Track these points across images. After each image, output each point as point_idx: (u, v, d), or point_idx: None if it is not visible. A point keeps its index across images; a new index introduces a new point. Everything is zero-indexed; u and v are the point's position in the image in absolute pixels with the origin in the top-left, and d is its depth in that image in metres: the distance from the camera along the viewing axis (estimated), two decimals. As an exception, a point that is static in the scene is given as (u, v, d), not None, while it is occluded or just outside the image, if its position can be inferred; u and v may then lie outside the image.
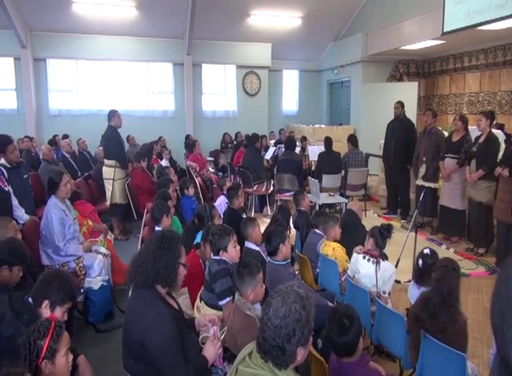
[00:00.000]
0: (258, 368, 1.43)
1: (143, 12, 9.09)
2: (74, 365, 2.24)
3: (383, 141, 6.75)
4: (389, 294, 2.93)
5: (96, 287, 3.43)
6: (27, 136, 7.22)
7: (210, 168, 8.27)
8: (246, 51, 10.78)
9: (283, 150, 7.36)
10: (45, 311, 2.19)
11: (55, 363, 1.76)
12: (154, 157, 7.29)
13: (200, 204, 4.88)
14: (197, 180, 6.12)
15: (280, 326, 1.37)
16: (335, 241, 3.60)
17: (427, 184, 5.63)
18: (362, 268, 3.06)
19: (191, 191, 5.02)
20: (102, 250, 3.85)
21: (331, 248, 3.50)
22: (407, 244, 4.10)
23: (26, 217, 3.86)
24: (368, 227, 3.38)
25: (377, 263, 2.95)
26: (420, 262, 2.79)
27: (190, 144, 8.31)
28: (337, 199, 6.06)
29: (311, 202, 4.62)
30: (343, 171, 6.56)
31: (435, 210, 5.73)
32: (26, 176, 4.40)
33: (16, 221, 3.50)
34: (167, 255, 1.99)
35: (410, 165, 6.19)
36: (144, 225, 4.00)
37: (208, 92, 10.98)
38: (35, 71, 9.53)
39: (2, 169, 3.89)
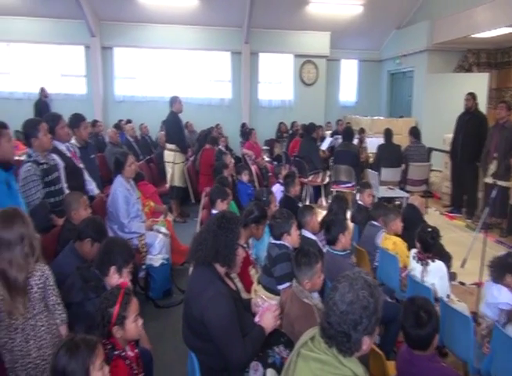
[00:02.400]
0: (321, 353, 1.41)
1: (204, 2, 9.21)
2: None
3: (448, 135, 6.39)
4: (448, 296, 2.79)
5: (157, 264, 3.59)
6: (95, 120, 7.64)
7: (265, 157, 8.29)
8: (304, 40, 10.60)
9: (340, 140, 7.21)
10: (114, 276, 2.33)
11: (125, 328, 1.86)
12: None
13: (256, 190, 4.91)
14: (253, 168, 6.16)
15: (347, 311, 1.34)
16: (396, 235, 3.48)
17: (498, 182, 5.26)
18: (414, 270, 2.95)
19: (245, 177, 5.06)
20: (163, 230, 4.00)
21: (391, 242, 3.39)
22: (473, 246, 3.86)
23: (96, 191, 4.10)
24: (431, 224, 3.23)
25: (425, 265, 2.83)
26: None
27: (246, 132, 8.37)
28: (398, 193, 5.84)
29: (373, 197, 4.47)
30: (403, 165, 6.30)
31: (505, 210, 5.35)
32: (93, 156, 4.65)
33: (88, 194, 3.72)
34: (227, 235, 2.03)
35: (479, 162, 5.81)
36: (203, 208, 4.09)
37: (265, 81, 10.96)
38: (103, 59, 10.01)
39: (75, 148, 4.15)
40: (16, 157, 3.46)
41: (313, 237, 3.24)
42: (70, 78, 10.08)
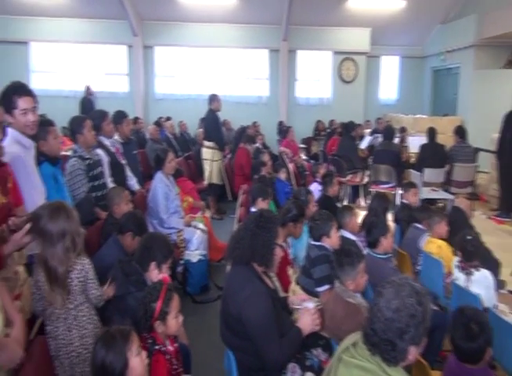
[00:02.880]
0: (364, 360, 1.35)
1: (242, 0, 9.21)
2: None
3: (496, 135, 6.06)
4: (496, 306, 2.63)
5: (194, 260, 3.63)
6: (137, 117, 7.85)
7: (302, 155, 8.21)
8: (344, 36, 10.40)
9: (380, 139, 7.01)
10: (154, 271, 2.37)
11: (167, 324, 1.88)
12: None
13: (293, 189, 4.87)
14: (290, 166, 6.11)
15: (392, 319, 1.28)
16: (440, 239, 3.33)
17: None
18: (457, 279, 2.80)
19: (282, 175, 5.02)
20: (201, 226, 4.04)
21: (436, 246, 3.24)
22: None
23: (137, 186, 4.22)
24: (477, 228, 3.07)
25: (469, 274, 2.68)
26: None
27: (283, 130, 8.33)
28: (442, 194, 5.61)
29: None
30: (447, 166, 6.04)
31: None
32: (135, 152, 4.78)
33: (129, 189, 3.82)
34: (264, 234, 2.00)
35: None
36: (240, 206, 4.10)
37: (302, 79, 10.85)
38: (144, 58, 10.27)
39: (118, 144, 4.28)
40: (63, 152, 3.61)
41: (353, 238, 3.16)
42: (114, 77, 10.42)
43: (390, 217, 4.01)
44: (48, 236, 1.86)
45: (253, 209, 3.62)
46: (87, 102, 9.16)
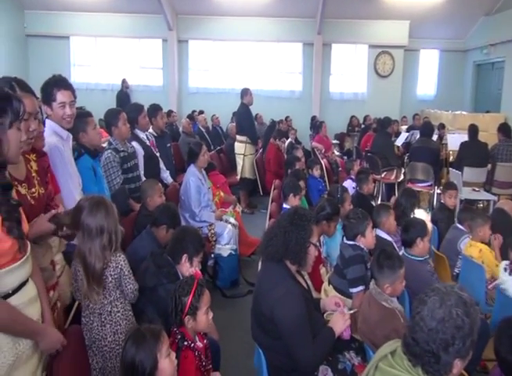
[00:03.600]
0: (404, 371, 1.27)
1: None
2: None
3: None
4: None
5: (225, 254, 3.64)
6: (170, 110, 7.95)
7: (335, 151, 8.07)
8: (381, 29, 10.10)
9: (417, 136, 6.76)
10: (185, 264, 2.38)
11: (197, 319, 1.86)
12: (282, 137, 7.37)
13: (326, 186, 4.78)
14: (323, 162, 6.00)
15: (437, 330, 1.19)
16: (482, 242, 3.16)
17: None
18: (504, 283, 2.63)
19: (316, 172, 4.93)
20: (232, 220, 4.03)
21: (477, 250, 3.08)
22: None
23: (170, 179, 4.27)
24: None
25: None
26: None
27: (316, 125, 8.20)
28: (484, 195, 5.35)
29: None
30: (489, 165, 5.75)
31: None
32: (169, 145, 4.82)
33: (162, 182, 3.85)
34: (298, 232, 1.96)
35: None
36: (272, 201, 4.06)
37: (336, 73, 10.64)
38: (179, 52, 10.37)
39: (152, 137, 4.32)
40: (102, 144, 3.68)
41: (389, 238, 3.05)
42: (149, 70, 10.58)
43: (418, 213, 3.83)
44: (87, 231, 1.87)
45: (284, 205, 3.57)
46: (123, 95, 9.37)
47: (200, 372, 1.86)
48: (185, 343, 1.82)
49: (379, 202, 6.12)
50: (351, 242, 2.60)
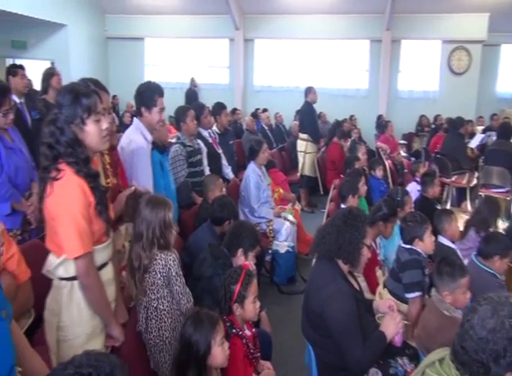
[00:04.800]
0: None
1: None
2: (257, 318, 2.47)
3: None
4: None
5: (282, 250, 3.68)
6: (235, 108, 8.14)
7: (401, 152, 7.74)
8: (456, 23, 9.42)
9: (494, 138, 6.29)
10: (241, 258, 2.48)
11: (244, 307, 1.94)
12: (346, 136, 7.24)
13: (389, 187, 4.63)
14: (387, 163, 5.81)
15: (487, 339, 1.13)
16: None
17: None
18: None
19: (379, 173, 4.79)
20: (290, 217, 4.07)
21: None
22: None
23: (231, 175, 4.42)
24: None
25: None
26: None
27: (382, 125, 7.93)
28: None
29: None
30: None
31: None
32: (231, 142, 4.98)
33: (223, 177, 3.99)
34: (352, 232, 1.95)
35: None
36: (330, 201, 4.02)
37: (406, 71, 10.17)
38: (245, 50, 10.54)
39: (215, 134, 4.49)
40: (169, 140, 3.91)
41: (452, 246, 2.90)
42: (216, 69, 10.89)
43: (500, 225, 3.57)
44: (139, 222, 1.98)
45: (342, 205, 3.53)
46: (191, 93, 9.74)
47: (248, 359, 1.92)
48: (234, 331, 1.90)
49: (448, 207, 5.80)
50: (408, 246, 2.52)
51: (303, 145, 5.78)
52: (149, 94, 2.54)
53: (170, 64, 11.08)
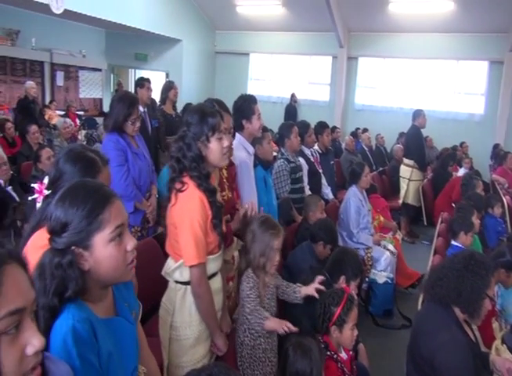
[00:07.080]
0: None
1: (462, 7, 8.28)
2: (355, 350, 2.34)
3: None
4: None
5: (380, 281, 3.50)
6: (335, 126, 8.02)
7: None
8: None
9: None
10: (342, 285, 2.38)
11: (342, 332, 1.90)
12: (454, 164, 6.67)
13: (507, 227, 4.12)
14: (505, 199, 5.18)
15: None
16: None
17: None
18: None
19: (497, 210, 4.29)
20: (390, 247, 3.85)
21: None
22: None
23: (331, 195, 4.35)
24: None
25: None
26: None
27: (500, 155, 7.16)
28: None
29: None
30: None
31: None
32: (332, 162, 4.89)
33: (322, 197, 3.93)
34: (474, 280, 1.75)
35: None
36: (438, 236, 3.70)
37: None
38: (347, 68, 10.38)
39: (317, 153, 4.45)
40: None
41: None
42: (316, 86, 10.90)
43: None
44: (250, 240, 2.00)
45: (453, 242, 3.22)
46: (291, 108, 9.87)
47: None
48: (328, 353, 1.86)
49: None
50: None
51: (408, 171, 5.44)
52: (246, 105, 2.63)
53: (272, 79, 11.39)
